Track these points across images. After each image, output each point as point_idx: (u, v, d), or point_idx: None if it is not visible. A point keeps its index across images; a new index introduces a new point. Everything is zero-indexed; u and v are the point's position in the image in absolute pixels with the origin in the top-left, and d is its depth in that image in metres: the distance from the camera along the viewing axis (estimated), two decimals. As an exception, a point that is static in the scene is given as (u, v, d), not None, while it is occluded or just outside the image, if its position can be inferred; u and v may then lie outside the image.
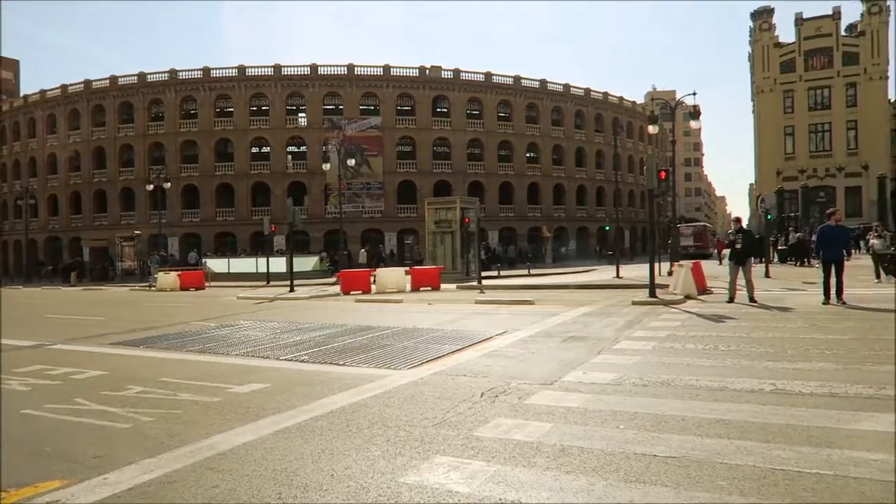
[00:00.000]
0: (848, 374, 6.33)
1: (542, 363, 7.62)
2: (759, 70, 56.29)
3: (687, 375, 6.56)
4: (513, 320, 12.20)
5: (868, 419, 4.83)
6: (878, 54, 52.65)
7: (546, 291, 20.50)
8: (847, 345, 8.01)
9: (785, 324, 10.22)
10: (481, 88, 56.61)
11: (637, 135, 69.26)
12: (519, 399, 5.84)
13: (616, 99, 67.30)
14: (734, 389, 5.92)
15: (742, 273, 14.10)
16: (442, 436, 4.77)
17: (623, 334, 9.75)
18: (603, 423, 4.96)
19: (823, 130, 54.54)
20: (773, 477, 3.75)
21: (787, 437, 4.49)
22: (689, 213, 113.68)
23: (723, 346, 8.29)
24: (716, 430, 4.67)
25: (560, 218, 60.09)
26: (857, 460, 3.95)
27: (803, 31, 54.86)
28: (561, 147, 61.13)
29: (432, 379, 6.93)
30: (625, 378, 6.54)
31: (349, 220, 48.14)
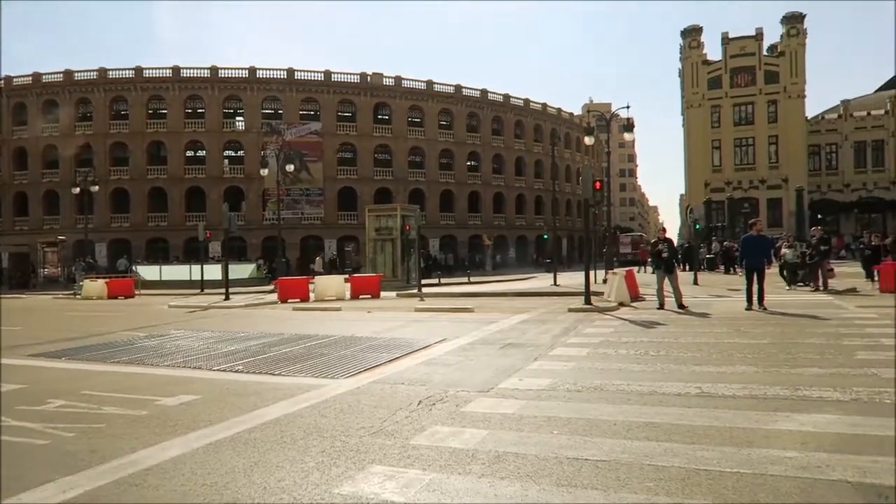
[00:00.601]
0: (767, 377, 6.67)
1: (480, 370, 7.70)
2: (688, 86, 58.73)
3: (619, 380, 6.76)
4: (452, 328, 12.27)
5: (784, 419, 5.09)
6: (796, 74, 55.86)
7: (485, 299, 20.70)
8: (766, 349, 8.44)
9: (711, 329, 10.69)
10: (423, 97, 56.84)
11: (574, 145, 70.99)
12: (456, 407, 5.88)
13: (554, 110, 68.84)
14: (662, 393, 6.14)
15: (668, 281, 14.67)
16: (378, 445, 4.75)
17: (559, 341, 9.96)
18: (537, 429, 5.05)
19: (747, 144, 57.39)
20: (697, 477, 3.90)
21: (710, 437, 4.68)
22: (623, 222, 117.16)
23: (653, 351, 8.59)
24: (644, 433, 4.82)
25: (500, 226, 60.85)
26: (774, 458, 4.17)
27: (729, 49, 57.62)
28: (501, 156, 62.00)
29: (370, 388, 6.88)
30: (559, 384, 6.68)
31: (288, 226, 47.32)
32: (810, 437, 4.59)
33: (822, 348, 8.33)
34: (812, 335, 9.51)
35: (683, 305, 14.13)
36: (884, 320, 10.96)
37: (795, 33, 56.01)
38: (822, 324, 10.84)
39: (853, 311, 12.71)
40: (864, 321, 10.95)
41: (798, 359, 7.66)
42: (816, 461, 4.07)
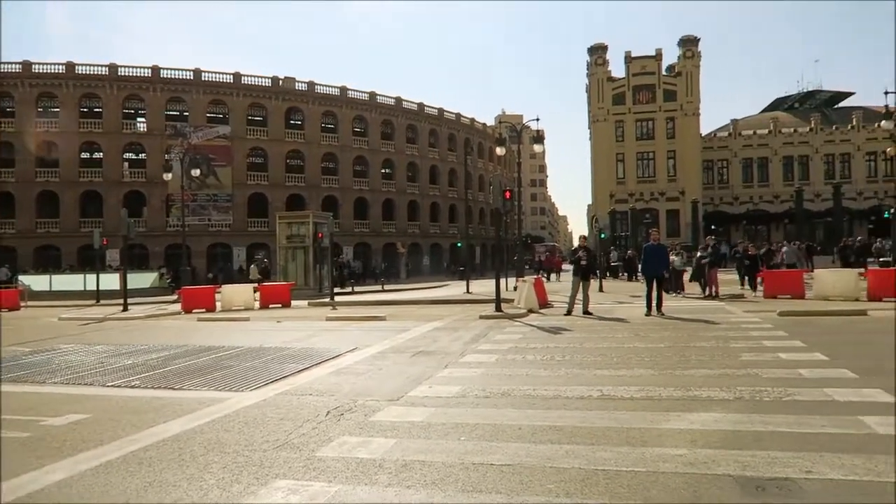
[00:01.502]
0: (662, 379, 7.05)
1: (390, 379, 7.68)
2: (594, 101, 61.34)
3: (525, 385, 6.94)
4: (364, 337, 12.17)
5: (676, 419, 5.40)
6: (691, 93, 59.59)
7: (399, 307, 20.67)
8: (663, 352, 8.93)
9: (613, 334, 11.17)
10: (337, 103, 56.24)
11: (487, 155, 72.33)
12: (365, 416, 5.84)
13: (468, 120, 69.94)
14: (566, 397, 6.35)
15: (582, 287, 15.22)
16: (283, 458, 4.64)
17: (469, 348, 10.10)
18: (445, 436, 5.10)
19: (648, 158, 60.58)
20: (595, 477, 4.06)
21: (609, 438, 4.90)
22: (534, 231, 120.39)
23: (558, 356, 8.88)
24: (548, 437, 4.97)
25: (414, 234, 61.03)
26: (666, 456, 4.41)
27: (632, 68, 60.70)
28: (415, 164, 62.28)
29: (277, 399, 6.71)
30: (468, 391, 6.78)
31: (194, 233, 45.37)
32: (698, 435, 4.89)
33: (712, 351, 8.91)
34: (703, 339, 10.15)
35: (589, 312, 14.69)
36: (766, 324, 11.85)
37: (691, 55, 59.77)
38: (713, 328, 11.60)
39: (740, 315, 13.66)
40: (750, 325, 11.80)
41: (690, 361, 8.15)
42: (703, 457, 4.34)
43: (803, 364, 7.62)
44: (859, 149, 59.49)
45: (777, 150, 61.05)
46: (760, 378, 6.93)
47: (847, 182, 56.88)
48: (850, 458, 4.23)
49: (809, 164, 60.39)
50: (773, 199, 59.99)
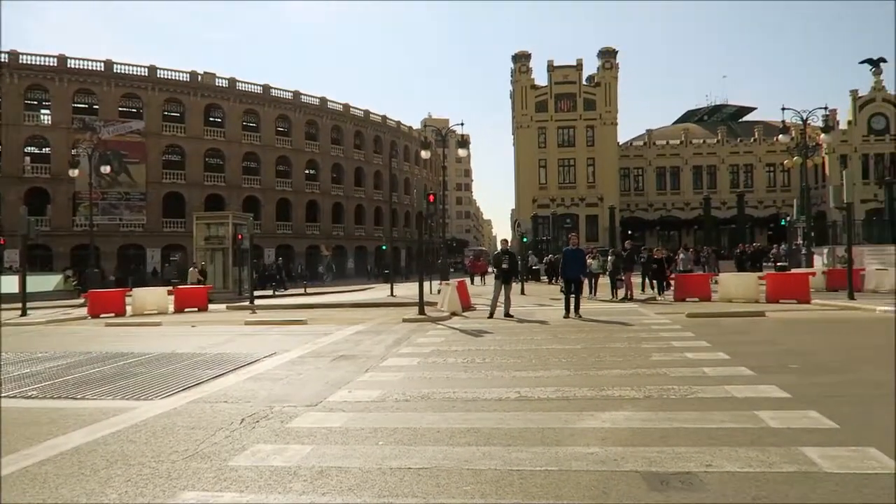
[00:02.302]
0: (577, 379, 7.27)
1: (309, 384, 7.54)
2: (518, 107, 62.60)
3: (445, 388, 6.98)
4: (283, 341, 11.90)
5: (589, 418, 5.58)
6: (610, 103, 61.87)
7: (321, 310, 20.35)
8: (579, 353, 9.21)
9: (532, 336, 11.43)
10: (259, 101, 54.84)
11: (413, 158, 72.47)
12: (281, 423, 5.70)
13: (394, 123, 69.88)
14: (485, 399, 6.44)
15: (504, 291, 15.48)
16: (192, 469, 4.46)
17: (391, 351, 10.07)
18: (363, 441, 5.06)
19: (569, 165, 62.40)
20: (510, 478, 4.14)
21: (525, 439, 5.00)
22: (459, 234, 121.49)
23: (479, 358, 8.99)
24: (465, 439, 5.02)
25: (339, 236, 60.32)
26: (578, 455, 4.54)
27: (554, 76, 62.37)
28: (340, 166, 61.58)
29: (188, 408, 6.45)
30: (388, 395, 6.75)
31: (103, 233, 43.05)
32: (609, 434, 5.07)
33: (625, 352, 9.28)
34: (617, 340, 10.55)
35: (510, 314, 14.96)
36: (675, 325, 12.46)
37: (609, 67, 62.05)
38: (627, 329, 12.08)
39: (652, 317, 14.30)
40: (660, 326, 12.36)
41: (605, 362, 8.45)
42: (613, 455, 4.51)
43: (707, 363, 8.06)
44: (760, 160, 63.54)
45: (688, 160, 64.29)
46: (668, 377, 7.26)
47: (749, 191, 60.59)
48: (746, 450, 4.50)
49: (717, 174, 63.95)
50: (685, 206, 63.14)
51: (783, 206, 56.80)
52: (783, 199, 59.35)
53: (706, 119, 73.37)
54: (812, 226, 30.22)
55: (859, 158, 58.49)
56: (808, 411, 5.52)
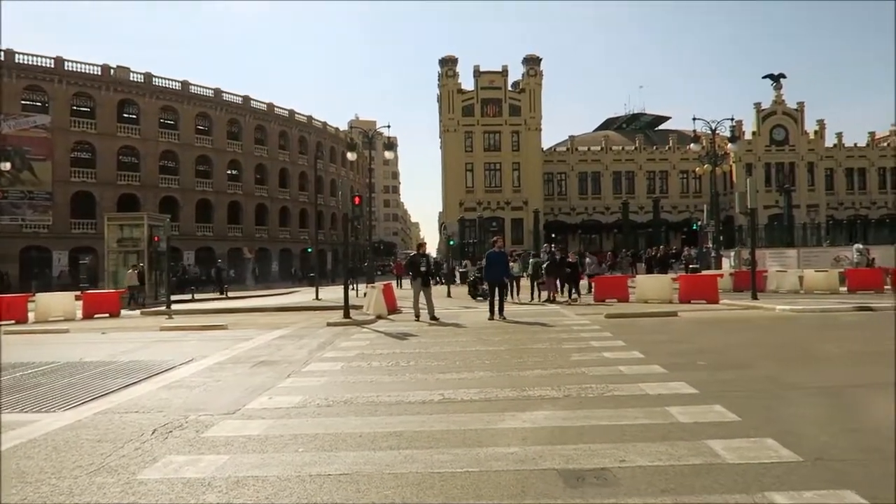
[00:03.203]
0: (500, 380, 7.38)
1: (228, 391, 7.31)
2: (445, 111, 63.05)
3: (369, 392, 6.93)
4: (201, 347, 11.46)
5: (510, 418, 5.67)
6: (534, 109, 63.31)
7: (243, 315, 19.77)
8: (502, 355, 9.36)
9: (457, 338, 11.52)
10: (178, 98, 52.73)
11: (340, 160, 71.62)
12: (196, 433, 5.49)
13: (320, 123, 68.84)
14: (409, 402, 6.43)
15: (424, 293, 15.52)
16: (97, 485, 4.22)
17: (315, 356, 9.90)
18: (283, 449, 4.94)
19: (495, 169, 63.40)
20: (431, 480, 4.15)
21: (447, 441, 5.02)
22: (387, 237, 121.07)
23: (403, 361, 8.98)
24: (388, 443, 5.00)
25: (263, 239, 58.81)
26: (499, 455, 4.61)
27: (480, 81, 63.20)
28: (264, 166, 60.09)
29: (95, 420, 6.10)
30: (310, 400, 6.64)
31: (5, 234, 40.20)
32: (529, 433, 5.18)
33: (546, 352, 9.51)
34: (540, 341, 10.79)
35: (436, 317, 15.02)
36: (594, 326, 12.87)
37: (534, 73, 63.53)
38: (549, 330, 12.38)
39: (573, 318, 14.71)
40: (580, 327, 12.74)
41: (527, 362, 8.63)
42: (532, 454, 4.60)
43: (623, 362, 8.37)
44: (675, 167, 66.68)
45: (608, 166, 66.66)
46: (587, 376, 7.49)
47: (665, 197, 63.47)
48: (657, 445, 4.70)
49: (635, 180, 66.62)
50: (605, 211, 65.42)
51: (695, 210, 59.74)
52: (695, 205, 62.45)
53: (625, 127, 76.28)
54: (721, 230, 32.00)
55: (762, 167, 62.45)
56: (714, 406, 5.83)
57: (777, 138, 63.43)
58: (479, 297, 21.68)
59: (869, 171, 66.54)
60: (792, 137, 63.49)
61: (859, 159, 66.49)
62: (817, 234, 35.76)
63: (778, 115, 63.53)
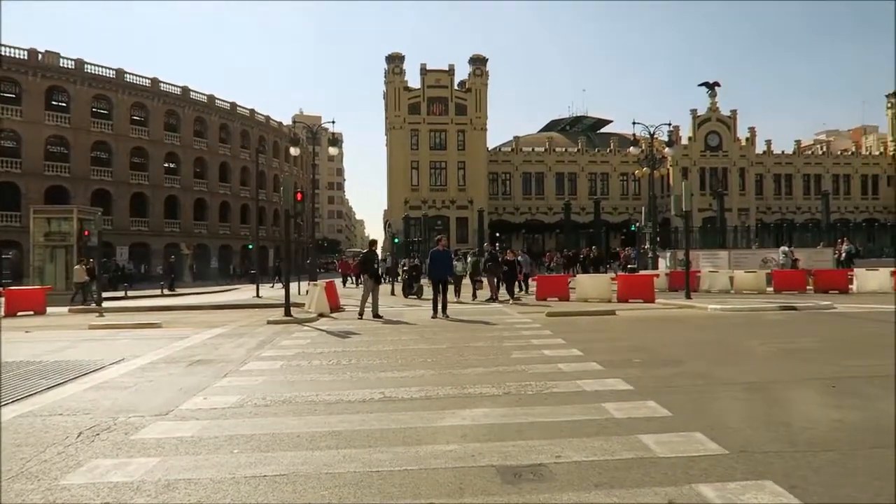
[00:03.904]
0: (441, 378, 7.41)
1: (160, 392, 7.06)
2: (391, 108, 62.79)
3: (308, 391, 6.83)
4: (134, 346, 11.04)
5: (450, 416, 5.70)
6: (480, 109, 63.81)
7: (179, 313, 19.16)
8: (444, 353, 9.40)
9: (399, 336, 11.50)
10: (111, 86, 50.60)
11: (283, 155, 70.27)
12: (125, 435, 5.29)
13: (263, 117, 67.36)
14: (349, 401, 6.38)
15: (373, 291, 15.45)
16: (16, 491, 4.01)
17: (253, 355, 9.69)
18: (217, 450, 4.82)
19: (441, 168, 63.59)
20: (369, 479, 4.13)
21: (387, 440, 5.01)
22: (331, 234, 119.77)
23: (345, 360, 8.90)
24: (326, 443, 4.95)
25: (202, 234, 57.13)
26: (438, 453, 4.63)
27: (427, 80, 63.25)
28: (203, 160, 58.37)
29: (15, 423, 5.79)
30: (247, 400, 6.49)
31: (-85, 226, 37.67)
32: (468, 430, 5.22)
33: (487, 350, 9.61)
34: (481, 339, 10.89)
35: (379, 315, 14.96)
36: (535, 324, 13.08)
37: (480, 73, 64.01)
38: (490, 328, 12.51)
39: (515, 317, 14.91)
40: (522, 325, 12.93)
41: (468, 360, 8.69)
42: (471, 451, 4.64)
43: (562, 359, 8.53)
44: (615, 170, 68.52)
45: (551, 167, 67.86)
46: (526, 373, 7.61)
47: (605, 198, 65.07)
48: (592, 441, 4.82)
49: (577, 181, 68.10)
50: (548, 211, 66.58)
51: (634, 212, 61.48)
52: (634, 207, 64.29)
53: (568, 129, 77.79)
54: (658, 231, 33.02)
55: (698, 171, 64.92)
56: (647, 401, 6.02)
57: (711, 144, 66.05)
58: (411, 295, 21.73)
59: (795, 177, 70.14)
60: (725, 143, 66.23)
61: (786, 166, 70.02)
62: (747, 237, 37.41)
63: (712, 122, 66.14)
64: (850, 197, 71.09)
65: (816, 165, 71.58)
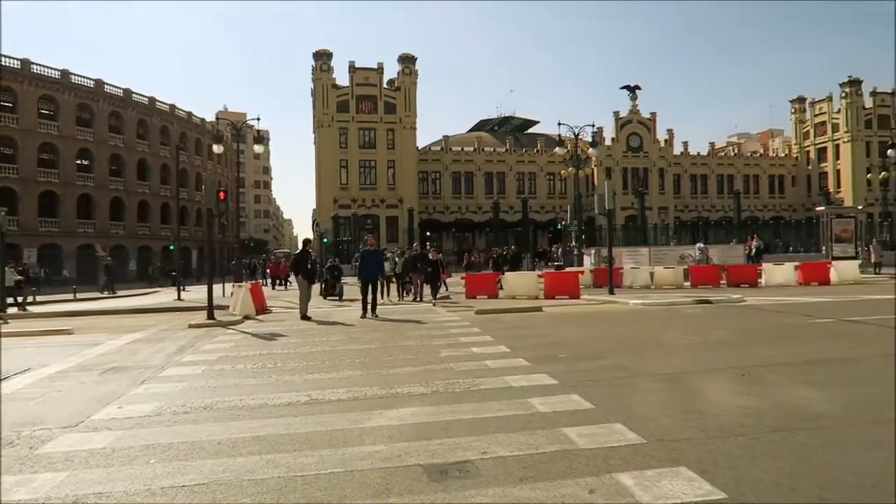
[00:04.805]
0: (369, 379, 7.35)
1: (70, 402, 6.68)
2: (319, 106, 61.76)
3: (231, 396, 6.63)
4: (41, 354, 10.39)
5: (378, 416, 5.67)
6: (409, 108, 63.70)
7: (93, 318, 18.18)
8: (373, 353, 9.34)
9: (327, 337, 11.34)
10: (15, 77, 47.36)
11: (206, 153, 67.77)
12: (30, 449, 4.97)
13: (184, 113, 64.84)
14: (273, 405, 6.23)
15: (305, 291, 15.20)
16: None
17: (173, 360, 9.32)
18: (131, 461, 4.60)
19: (370, 167, 63.09)
20: (293, 484, 4.04)
21: (312, 443, 4.92)
22: (258, 234, 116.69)
23: (270, 363, 8.69)
24: (249, 448, 4.81)
25: (119, 235, 54.40)
26: (364, 454, 4.59)
27: (355, 78, 62.59)
28: (120, 157, 55.57)
29: None
30: (165, 407, 6.23)
31: None
32: (395, 431, 5.20)
33: (416, 349, 9.61)
34: (410, 338, 10.89)
35: (308, 317, 14.71)
36: (464, 322, 13.20)
37: (409, 72, 63.89)
38: (420, 327, 12.52)
39: (444, 315, 14.99)
40: (451, 324, 13.01)
41: (397, 360, 8.67)
42: (398, 451, 4.63)
43: (490, 356, 8.65)
44: (542, 169, 69.98)
45: (480, 167, 68.61)
46: (455, 371, 7.66)
47: (533, 197, 66.40)
48: (517, 436, 4.90)
49: (505, 181, 69.12)
50: (477, 210, 67.27)
51: (561, 211, 63.00)
52: (561, 205, 65.88)
53: (497, 129, 78.83)
54: (583, 229, 34.01)
55: (620, 171, 67.26)
56: (571, 395, 6.18)
57: (633, 145, 68.59)
58: (331, 296, 21.50)
59: (710, 177, 73.77)
60: (646, 145, 68.95)
61: (702, 167, 73.55)
62: (666, 235, 39.10)
63: (634, 124, 68.70)
64: (760, 196, 75.43)
65: (729, 166, 75.53)
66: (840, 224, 29.11)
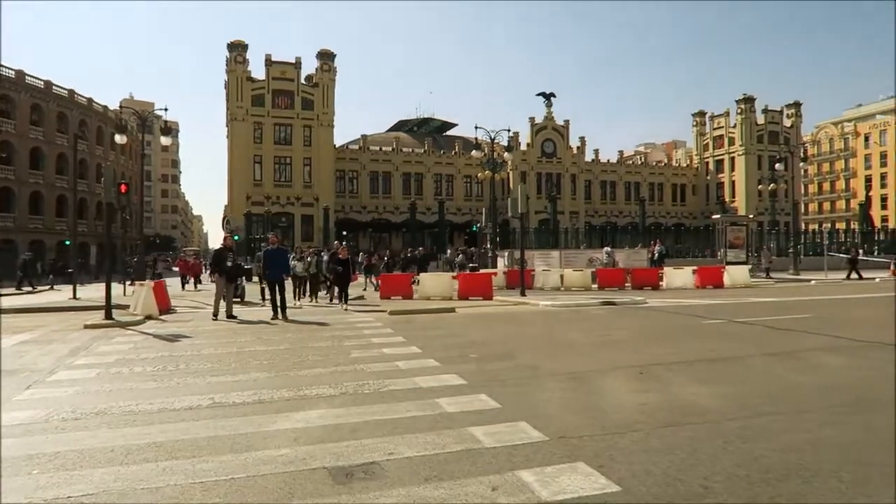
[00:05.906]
0: (277, 381, 7.19)
1: (-58, 410, 6.13)
2: (233, 98, 59.70)
3: (127, 401, 6.30)
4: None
5: (284, 419, 5.56)
6: (327, 105, 62.72)
7: (-27, 318, 16.72)
8: (282, 354, 9.14)
9: (235, 338, 10.99)
10: None
11: (109, 143, 63.86)
12: None
13: (84, 100, 60.87)
14: (173, 409, 5.98)
15: (226, 290, 14.66)
16: None
17: (64, 363, 8.74)
18: (13, 474, 4.28)
19: (286, 163, 61.60)
20: (191, 491, 3.90)
21: (213, 448, 4.76)
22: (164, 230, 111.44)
23: (172, 365, 8.33)
24: (144, 455, 4.60)
25: (8, 228, 50.36)
26: (268, 458, 4.49)
27: (272, 72, 60.96)
28: (11, 144, 51.45)
29: None
30: (53, 414, 5.84)
31: None
32: (301, 433, 5.12)
33: (327, 350, 9.49)
34: (321, 339, 10.74)
35: (234, 315, 14.32)
36: (377, 323, 13.16)
37: (328, 69, 62.90)
38: (331, 328, 12.37)
39: (357, 316, 14.87)
40: (363, 324, 12.93)
41: (306, 361, 8.53)
42: (303, 454, 4.56)
43: (401, 357, 8.67)
44: (460, 172, 70.75)
45: (398, 167, 68.53)
46: (365, 372, 7.63)
47: (450, 199, 67.02)
48: (424, 436, 4.95)
49: (423, 182, 69.38)
50: (395, 210, 67.12)
51: (477, 213, 63.96)
52: (477, 208, 66.77)
53: (416, 130, 78.97)
54: (498, 232, 34.63)
55: (535, 176, 69.07)
56: (480, 395, 6.30)
57: (547, 151, 70.62)
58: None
59: (618, 184, 77.10)
60: (559, 151, 71.15)
61: (611, 174, 76.76)
62: (576, 238, 40.43)
63: (548, 130, 70.74)
64: (664, 203, 79.51)
65: (636, 174, 79.18)
66: (733, 231, 31.17)
